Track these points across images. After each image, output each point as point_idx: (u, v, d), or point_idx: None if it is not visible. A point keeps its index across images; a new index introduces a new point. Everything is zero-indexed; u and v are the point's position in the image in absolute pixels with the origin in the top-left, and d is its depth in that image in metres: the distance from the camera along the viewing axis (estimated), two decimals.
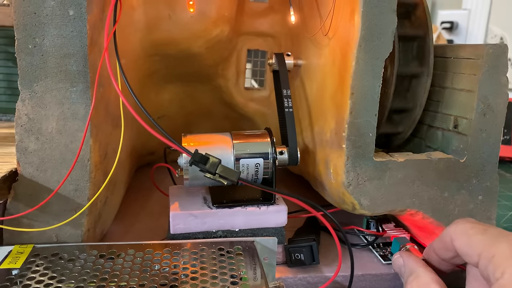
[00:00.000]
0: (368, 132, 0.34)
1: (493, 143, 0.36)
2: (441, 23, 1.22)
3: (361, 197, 0.35)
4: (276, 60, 0.41)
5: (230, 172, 0.25)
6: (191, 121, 0.57)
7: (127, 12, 0.36)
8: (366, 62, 0.32)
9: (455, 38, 1.25)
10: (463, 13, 1.23)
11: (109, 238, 0.39)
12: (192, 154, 0.25)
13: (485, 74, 0.34)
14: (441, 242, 0.31)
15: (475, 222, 0.30)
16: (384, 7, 0.31)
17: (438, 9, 1.28)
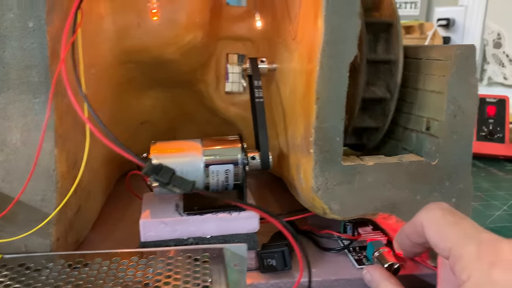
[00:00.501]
0: (335, 137, 0.33)
1: (465, 145, 0.35)
2: (437, 20, 1.21)
3: (331, 201, 0.34)
4: (250, 65, 0.41)
5: (184, 181, 0.25)
6: (175, 126, 0.57)
7: (95, 21, 0.36)
8: (330, 67, 0.32)
9: (452, 35, 1.23)
10: (460, 10, 1.22)
11: (86, 247, 0.40)
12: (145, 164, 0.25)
13: (454, 76, 0.34)
14: (412, 227, 0.31)
15: (447, 209, 0.30)
16: (347, 11, 0.31)
17: (435, 6, 1.27)
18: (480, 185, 0.64)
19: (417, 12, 1.27)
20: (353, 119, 0.38)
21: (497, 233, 0.48)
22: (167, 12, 0.38)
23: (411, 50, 0.39)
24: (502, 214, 0.54)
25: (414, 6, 1.26)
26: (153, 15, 0.32)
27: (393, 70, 0.37)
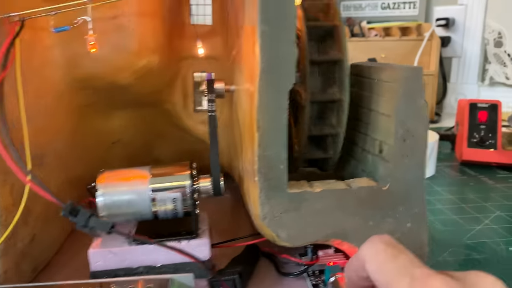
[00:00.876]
0: (278, 165, 0.33)
1: (417, 169, 0.34)
2: (436, 20, 1.18)
3: (278, 229, 0.34)
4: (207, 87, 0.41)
5: (102, 224, 0.25)
6: (150, 144, 0.57)
7: (41, 53, 0.36)
8: (268, 95, 0.31)
9: (452, 34, 1.21)
10: (460, 9, 1.19)
11: (46, 274, 0.40)
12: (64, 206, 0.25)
13: (401, 99, 0.33)
14: (356, 260, 0.30)
15: (389, 243, 0.29)
16: (282, 39, 0.30)
17: (434, 5, 1.24)
18: (466, 196, 0.63)
19: (416, 12, 1.24)
20: (302, 153, 0.38)
21: (472, 250, 0.47)
22: (116, 39, 0.38)
23: (366, 69, 0.38)
24: (483, 228, 0.52)
25: (412, 6, 1.23)
26: (91, 47, 0.32)
27: (339, 110, 0.36)
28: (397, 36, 1.09)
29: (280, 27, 0.30)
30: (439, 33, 1.18)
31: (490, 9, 1.14)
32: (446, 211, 0.58)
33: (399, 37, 1.09)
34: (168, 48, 0.43)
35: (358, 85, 0.39)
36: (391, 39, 1.09)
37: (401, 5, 1.25)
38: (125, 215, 0.35)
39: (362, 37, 1.08)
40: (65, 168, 0.42)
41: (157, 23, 0.39)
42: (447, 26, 1.19)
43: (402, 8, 1.25)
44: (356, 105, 0.40)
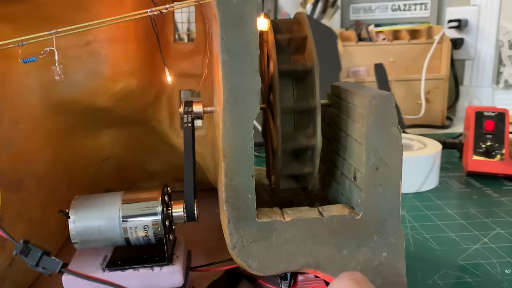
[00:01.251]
0: (246, 194, 0.32)
1: (391, 198, 0.33)
2: (448, 22, 1.15)
3: (248, 259, 0.33)
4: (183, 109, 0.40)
5: (53, 263, 0.25)
6: (141, 159, 0.58)
7: (16, 80, 0.36)
8: (233, 125, 0.31)
9: (465, 36, 1.17)
10: (473, 9, 1.15)
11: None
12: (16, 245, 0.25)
13: (371, 127, 0.31)
14: None
15: (359, 280, 0.28)
16: (245, 69, 0.30)
17: (446, 6, 1.20)
18: (467, 211, 0.61)
19: (428, 14, 1.21)
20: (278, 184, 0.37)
21: (465, 272, 0.45)
22: (90, 65, 0.38)
23: (343, 92, 0.37)
24: (480, 248, 0.50)
25: (424, 7, 1.20)
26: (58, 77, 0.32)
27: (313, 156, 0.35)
28: (406, 40, 1.07)
29: (241, 57, 0.29)
30: (451, 35, 1.15)
31: (504, 9, 1.10)
32: (444, 227, 0.56)
33: (408, 41, 1.06)
34: (148, 69, 0.43)
35: (338, 107, 0.38)
36: (399, 43, 1.07)
37: (412, 6, 1.22)
38: (98, 241, 0.35)
39: (370, 41, 1.06)
40: (49, 190, 0.42)
41: (131, 47, 0.39)
42: (460, 27, 1.15)
43: (413, 9, 1.22)
44: (336, 126, 0.39)
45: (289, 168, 0.36)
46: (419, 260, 0.48)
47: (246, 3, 0.28)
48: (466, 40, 1.17)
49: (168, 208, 0.36)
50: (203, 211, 0.48)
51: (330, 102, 0.41)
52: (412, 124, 1.05)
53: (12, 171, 0.37)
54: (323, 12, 1.13)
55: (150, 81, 0.44)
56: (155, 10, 0.31)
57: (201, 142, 0.51)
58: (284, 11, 1.19)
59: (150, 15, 0.31)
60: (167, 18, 0.47)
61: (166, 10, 0.31)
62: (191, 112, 0.40)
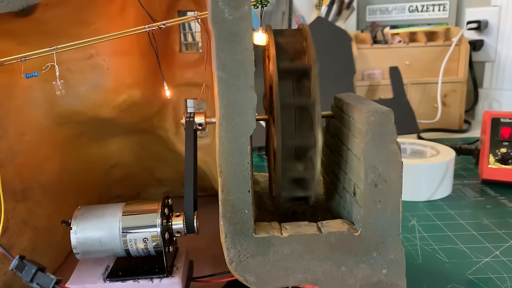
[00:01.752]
0: (243, 209, 0.32)
1: (391, 215, 0.32)
2: (467, 23, 1.12)
3: (245, 274, 0.33)
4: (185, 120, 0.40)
5: (46, 279, 0.26)
6: (149, 166, 0.58)
7: (21, 93, 0.37)
8: (229, 141, 0.31)
9: (485, 37, 1.14)
10: (493, 10, 1.12)
11: None
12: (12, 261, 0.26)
13: (370, 143, 0.31)
14: None
15: None
16: (240, 85, 0.30)
17: (465, 7, 1.17)
18: (480, 222, 0.59)
19: (446, 15, 1.18)
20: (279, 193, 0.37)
21: (474, 286, 0.44)
22: (92, 78, 0.38)
23: (345, 105, 0.36)
24: (490, 261, 0.49)
25: (442, 8, 1.17)
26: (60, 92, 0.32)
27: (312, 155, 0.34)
28: (423, 42, 1.05)
29: (237, 74, 0.29)
30: (470, 37, 1.12)
31: None
32: (454, 239, 0.54)
33: (425, 43, 1.04)
34: (152, 80, 0.43)
35: (340, 119, 0.38)
36: (416, 45, 1.05)
37: (430, 7, 1.20)
38: (99, 252, 0.36)
39: (385, 44, 1.04)
40: (55, 198, 0.43)
41: (134, 59, 0.40)
42: (479, 29, 1.13)
43: (431, 10, 1.20)
44: (338, 139, 0.38)
45: (289, 170, 0.36)
46: (426, 273, 0.47)
47: (241, 21, 0.28)
48: (486, 42, 1.14)
49: (168, 220, 0.36)
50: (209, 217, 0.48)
51: (333, 114, 0.40)
52: (428, 128, 1.03)
53: (18, 181, 0.38)
54: (338, 14, 1.12)
55: (155, 91, 0.45)
56: (154, 26, 0.31)
57: (206, 151, 0.51)
58: (298, 13, 1.18)
59: (148, 30, 0.31)
60: (172, 27, 0.47)
61: (164, 26, 0.31)
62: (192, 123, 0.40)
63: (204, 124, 0.41)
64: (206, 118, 0.41)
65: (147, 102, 0.44)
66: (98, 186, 0.54)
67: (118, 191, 0.59)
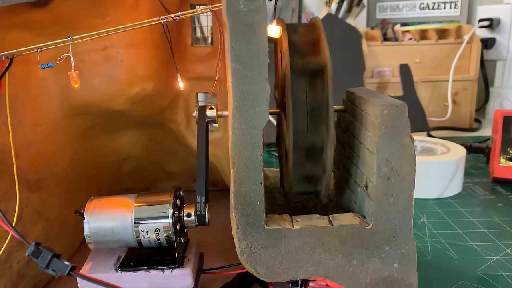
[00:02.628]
0: (255, 201, 0.32)
1: (403, 208, 0.32)
2: (479, 21, 1.11)
3: (256, 265, 0.33)
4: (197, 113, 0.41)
5: (62, 265, 0.26)
6: (160, 160, 0.58)
7: (35, 84, 0.38)
8: (242, 132, 0.31)
9: (497, 36, 1.13)
10: (506, 8, 1.11)
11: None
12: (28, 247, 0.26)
13: (383, 137, 0.31)
14: None
15: None
16: (254, 77, 0.30)
17: (477, 4, 1.16)
18: (491, 219, 0.59)
19: (458, 12, 1.17)
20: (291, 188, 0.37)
21: (484, 284, 0.44)
22: (106, 70, 0.39)
23: (357, 99, 0.36)
24: (501, 259, 0.49)
25: (454, 5, 1.16)
26: (75, 82, 0.33)
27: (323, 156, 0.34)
28: (434, 40, 1.04)
29: (251, 66, 0.29)
30: (482, 35, 1.11)
31: None
32: (465, 236, 0.54)
33: (436, 41, 1.04)
34: (165, 73, 0.43)
35: (352, 113, 0.38)
36: (427, 43, 1.04)
37: (441, 5, 1.19)
38: (111, 242, 0.36)
39: (395, 41, 1.04)
40: (68, 189, 0.44)
41: (148, 52, 0.40)
42: (491, 26, 1.11)
43: (442, 8, 1.19)
44: (350, 133, 0.38)
45: (301, 168, 0.36)
46: (436, 270, 0.47)
47: (255, 12, 0.28)
48: (498, 40, 1.13)
49: (180, 211, 0.37)
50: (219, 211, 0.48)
51: (345, 108, 0.40)
52: (438, 127, 1.03)
53: (32, 171, 0.38)
54: (348, 11, 1.11)
55: (167, 85, 0.45)
56: (168, 17, 0.31)
57: (217, 145, 0.52)
58: (308, 10, 1.17)
59: (163, 22, 0.31)
60: (185, 21, 0.47)
61: (178, 18, 0.31)
62: (204, 116, 0.40)
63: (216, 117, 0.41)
64: (218, 111, 0.41)
65: (159, 95, 0.44)
66: (109, 179, 0.54)
67: (128, 184, 0.60)
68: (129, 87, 0.40)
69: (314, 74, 0.34)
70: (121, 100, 0.41)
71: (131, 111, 0.43)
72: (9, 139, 0.34)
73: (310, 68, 0.34)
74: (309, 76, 0.34)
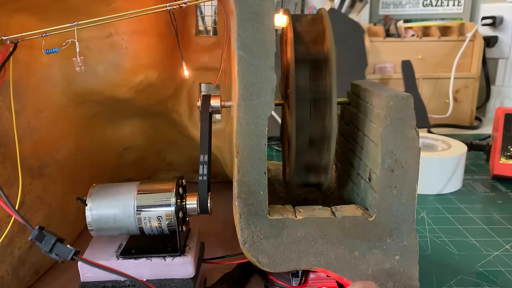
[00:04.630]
0: (258, 190, 0.32)
1: (406, 201, 0.32)
2: (482, 19, 1.11)
3: (258, 255, 0.33)
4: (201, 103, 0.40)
5: (65, 250, 0.26)
6: (161, 150, 0.58)
7: (40, 70, 0.37)
8: (247, 121, 0.31)
9: (499, 34, 1.12)
10: (509, 6, 1.10)
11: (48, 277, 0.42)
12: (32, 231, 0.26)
13: (388, 128, 0.31)
14: None
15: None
16: (261, 65, 0.30)
17: (481, 2, 1.16)
18: (490, 216, 0.59)
19: (461, 10, 1.17)
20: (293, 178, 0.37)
21: (483, 279, 0.44)
22: (111, 57, 0.38)
23: (362, 91, 0.36)
24: (500, 254, 0.49)
25: (457, 3, 1.16)
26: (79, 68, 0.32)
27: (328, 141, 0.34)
28: (436, 37, 1.04)
29: (257, 54, 0.29)
30: (484, 33, 1.11)
31: None
32: (464, 232, 0.54)
33: (438, 38, 1.03)
34: (169, 62, 0.43)
35: (357, 106, 0.38)
36: (429, 40, 1.04)
37: (444, 2, 1.19)
38: (113, 229, 0.36)
39: (398, 37, 1.03)
40: (69, 177, 0.44)
41: (152, 40, 0.40)
42: (494, 25, 1.11)
43: (446, 5, 1.19)
44: (354, 126, 0.38)
45: (303, 158, 0.36)
46: (436, 264, 0.47)
47: (263, 0, 0.28)
48: (500, 38, 1.13)
49: (182, 200, 0.37)
50: (220, 203, 0.49)
51: (349, 100, 0.40)
52: (438, 124, 1.03)
53: (34, 158, 0.38)
54: (351, 6, 1.11)
55: (170, 74, 0.45)
56: (174, 4, 0.31)
57: (219, 136, 0.51)
58: (311, 4, 1.17)
59: (169, 9, 0.31)
60: (189, 10, 0.47)
61: (185, 5, 0.31)
62: (208, 106, 0.40)
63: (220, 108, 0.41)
64: (221, 101, 0.41)
65: (163, 84, 0.44)
66: (110, 168, 0.54)
67: (129, 174, 0.60)
68: (133, 75, 0.40)
69: (318, 62, 0.34)
70: (125, 88, 0.41)
71: (135, 99, 0.43)
72: (12, 124, 0.34)
73: (314, 57, 0.34)
74: (313, 65, 0.34)
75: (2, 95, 0.33)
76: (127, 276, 0.27)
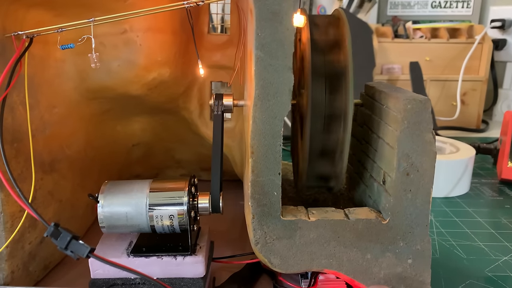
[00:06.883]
0: (272, 191, 0.32)
1: (421, 205, 0.32)
2: (491, 21, 1.10)
3: (270, 256, 0.33)
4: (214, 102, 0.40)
5: (81, 247, 0.26)
6: (170, 147, 0.58)
7: (53, 65, 0.37)
8: (263, 122, 0.31)
9: (508, 37, 1.12)
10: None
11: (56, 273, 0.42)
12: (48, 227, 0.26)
13: (405, 132, 0.31)
14: None
15: None
16: (278, 66, 0.29)
17: (490, 5, 1.15)
18: (498, 220, 0.58)
19: (470, 12, 1.16)
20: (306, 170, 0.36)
21: (492, 284, 0.44)
22: (125, 54, 0.38)
23: (377, 93, 0.36)
24: (509, 260, 0.49)
25: (466, 5, 1.15)
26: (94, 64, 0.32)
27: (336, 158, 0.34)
28: (445, 38, 1.03)
29: (275, 54, 0.29)
30: (493, 35, 1.11)
31: None
32: (472, 236, 0.54)
33: (447, 40, 1.03)
34: (182, 59, 0.43)
35: (371, 107, 0.38)
36: (438, 41, 1.04)
37: (453, 4, 1.18)
38: (124, 227, 0.36)
39: (406, 39, 1.03)
40: (80, 173, 0.43)
41: (166, 37, 0.39)
42: (503, 28, 1.11)
43: (454, 7, 1.18)
44: (368, 128, 0.38)
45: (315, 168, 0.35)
46: (444, 268, 0.47)
47: (283, 0, 0.28)
48: (509, 41, 1.12)
49: (194, 199, 0.37)
50: (228, 202, 0.48)
51: (362, 102, 0.40)
52: (445, 126, 1.02)
53: (46, 153, 0.38)
54: (359, 7, 1.10)
55: (183, 72, 0.44)
56: (192, 2, 0.31)
57: (229, 135, 0.51)
58: (319, 4, 1.17)
59: (187, 7, 0.31)
60: (202, 8, 0.47)
61: (202, 3, 0.31)
62: (221, 105, 0.40)
63: (232, 107, 0.41)
64: (234, 100, 0.41)
65: (175, 81, 0.44)
66: (119, 164, 0.54)
67: (138, 170, 0.60)
68: (147, 72, 0.40)
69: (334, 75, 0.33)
70: (138, 85, 0.40)
71: (147, 96, 0.43)
72: (26, 119, 0.34)
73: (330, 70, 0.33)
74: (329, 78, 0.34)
75: (17, 90, 0.33)
76: (141, 274, 0.27)
